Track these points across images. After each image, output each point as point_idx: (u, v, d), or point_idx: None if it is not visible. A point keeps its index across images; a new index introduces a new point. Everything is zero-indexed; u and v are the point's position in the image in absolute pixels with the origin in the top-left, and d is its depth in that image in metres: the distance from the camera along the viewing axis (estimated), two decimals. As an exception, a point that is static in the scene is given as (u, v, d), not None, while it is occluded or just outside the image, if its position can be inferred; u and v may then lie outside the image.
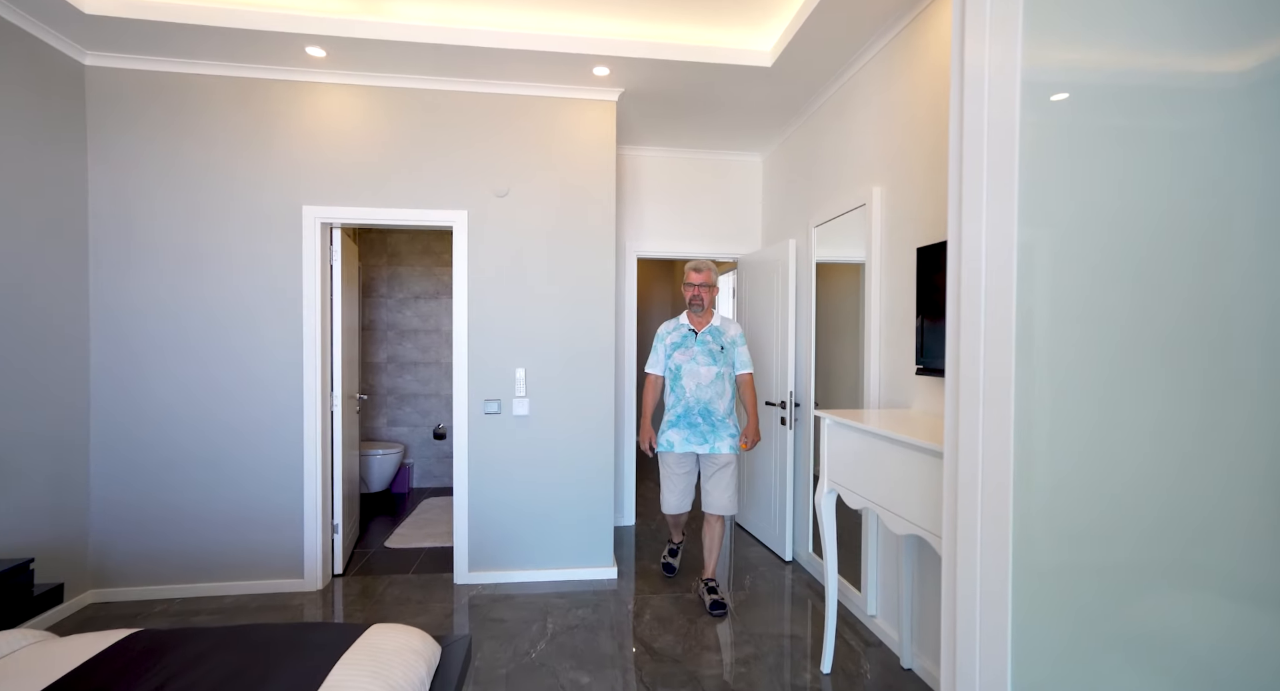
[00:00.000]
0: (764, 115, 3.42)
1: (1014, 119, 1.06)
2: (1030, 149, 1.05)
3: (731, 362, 2.83)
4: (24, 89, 2.45)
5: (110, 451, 2.80)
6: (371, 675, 1.34)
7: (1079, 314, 1.04)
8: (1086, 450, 1.01)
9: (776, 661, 2.29)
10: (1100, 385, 0.98)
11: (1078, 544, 1.02)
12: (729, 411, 2.82)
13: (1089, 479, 1.01)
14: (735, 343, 2.85)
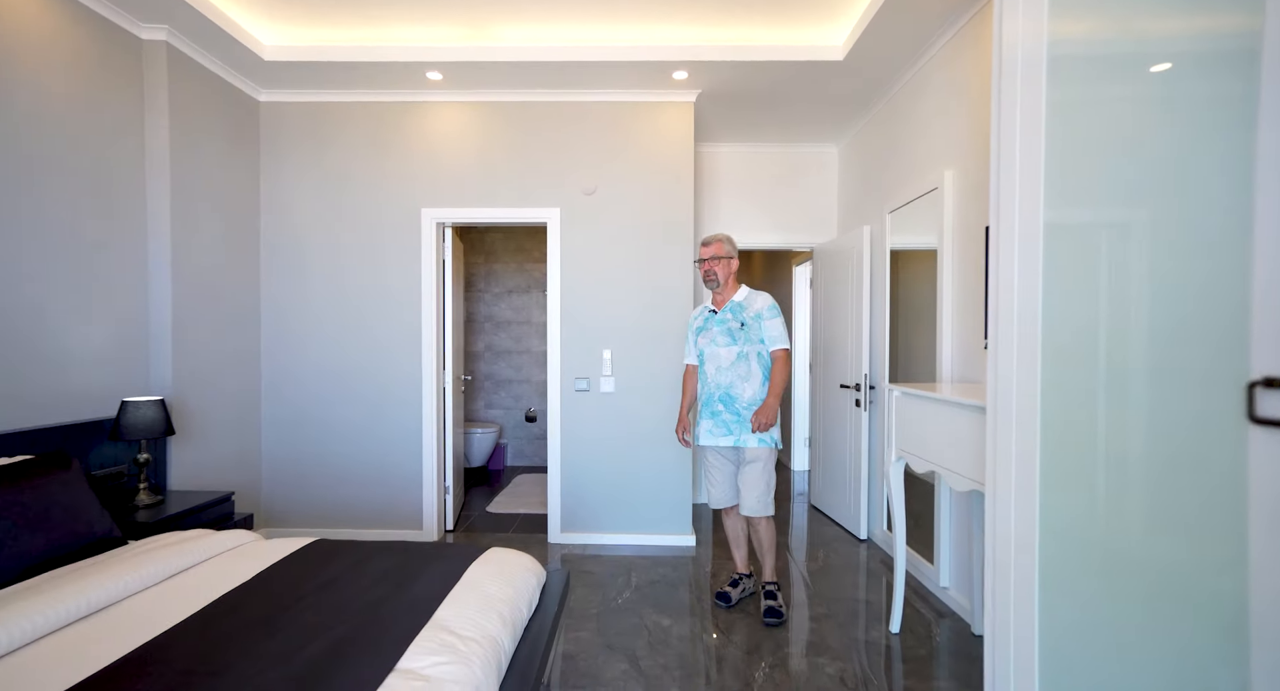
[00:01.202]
0: (838, 107, 3.52)
1: (1040, 91, 1.18)
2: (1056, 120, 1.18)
3: (758, 340, 2.48)
4: (220, 123, 3.06)
5: (274, 417, 3.39)
6: (497, 575, 1.66)
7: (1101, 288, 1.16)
8: (1101, 405, 1.13)
9: (846, 620, 2.42)
10: (1116, 360, 1.10)
11: (1097, 490, 1.13)
12: (760, 397, 2.46)
13: (1108, 430, 1.12)
14: (761, 317, 2.49)
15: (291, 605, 1.47)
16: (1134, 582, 1.04)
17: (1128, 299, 1.05)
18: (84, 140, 2.42)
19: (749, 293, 2.57)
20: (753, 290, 2.58)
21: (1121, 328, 1.07)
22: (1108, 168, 1.11)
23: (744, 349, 2.49)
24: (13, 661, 1.22)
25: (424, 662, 1.21)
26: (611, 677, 1.99)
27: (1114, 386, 1.08)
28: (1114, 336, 1.09)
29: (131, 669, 1.18)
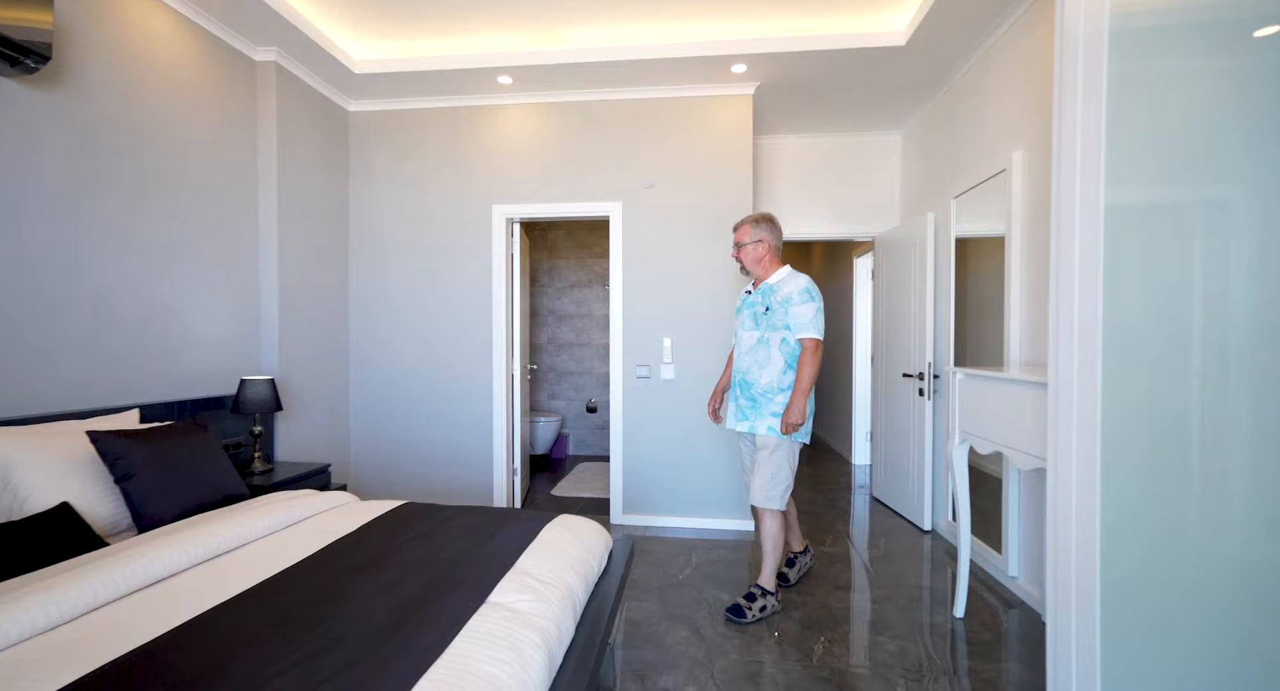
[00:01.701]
0: (900, 93, 3.48)
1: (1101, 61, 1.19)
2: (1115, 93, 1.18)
3: (783, 326, 2.33)
4: (316, 134, 3.39)
5: (361, 399, 3.70)
6: (569, 535, 1.80)
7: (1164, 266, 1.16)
8: (1161, 376, 1.12)
9: (907, 604, 2.42)
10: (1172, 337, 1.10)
11: (1161, 465, 1.13)
12: (777, 385, 2.34)
13: (1167, 404, 1.12)
14: (789, 301, 2.32)
15: (391, 551, 1.66)
16: (1210, 576, 1.03)
17: (1204, 283, 1.05)
18: (211, 156, 2.76)
19: (786, 275, 2.40)
20: (794, 272, 2.40)
21: (1196, 314, 1.07)
22: (1175, 144, 1.10)
23: (765, 334, 2.37)
24: (181, 580, 1.45)
25: (510, 598, 1.36)
26: (674, 643, 2.09)
27: (1200, 377, 1.08)
28: (1189, 321, 1.09)
29: (269, 591, 1.38)
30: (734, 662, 1.96)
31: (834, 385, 6.00)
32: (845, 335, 5.51)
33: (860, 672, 1.91)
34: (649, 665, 1.95)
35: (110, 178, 2.29)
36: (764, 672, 1.90)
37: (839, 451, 5.73)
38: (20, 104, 1.98)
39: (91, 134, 2.21)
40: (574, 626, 1.43)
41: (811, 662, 1.96)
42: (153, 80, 2.47)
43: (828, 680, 1.86)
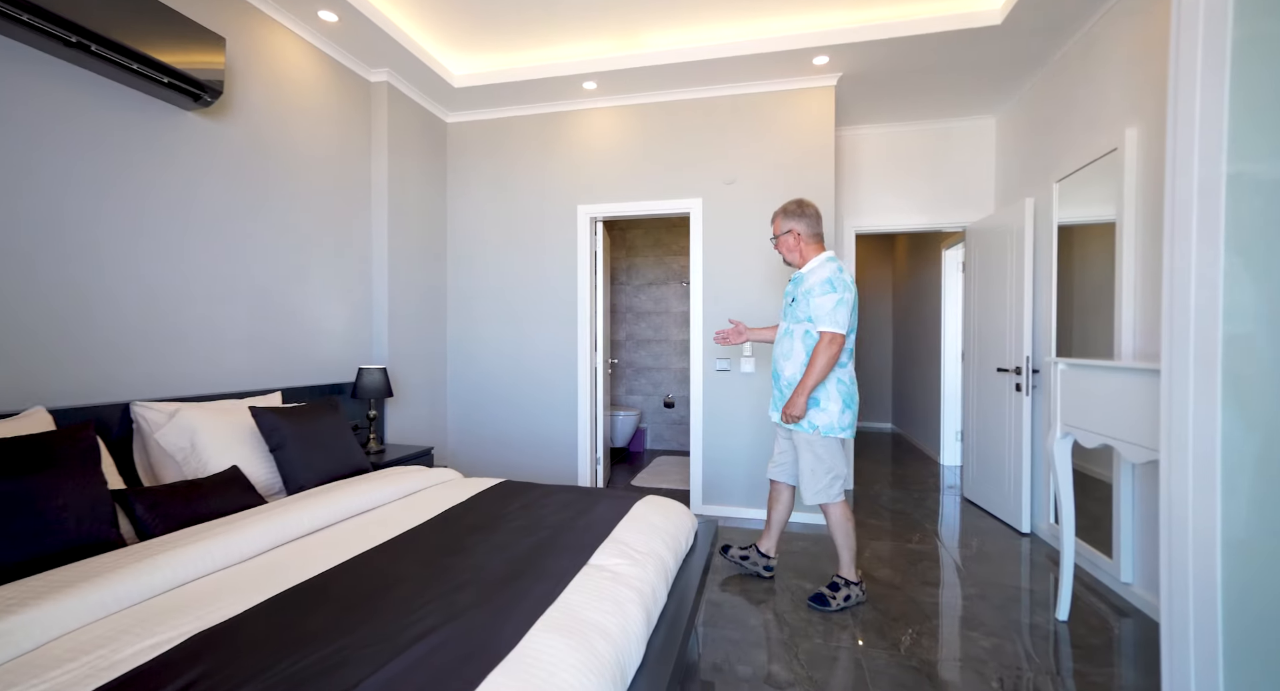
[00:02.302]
0: (996, 74, 3.32)
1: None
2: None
3: (805, 317, 2.31)
4: (420, 145, 3.71)
5: (457, 390, 4.01)
6: (658, 512, 1.91)
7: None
8: None
9: (1003, 603, 2.33)
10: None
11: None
12: (797, 377, 2.34)
13: None
14: (810, 293, 2.28)
15: (498, 519, 1.83)
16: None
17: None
18: (334, 170, 3.11)
19: (820, 262, 2.34)
20: (825, 261, 2.34)
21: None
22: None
23: (790, 325, 2.38)
24: (331, 532, 1.70)
25: (609, 561, 1.48)
26: (756, 624, 2.14)
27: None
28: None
29: (403, 544, 1.59)
30: (818, 646, 1.99)
31: (919, 383, 5.77)
32: (932, 330, 5.29)
33: (952, 665, 1.88)
34: (732, 643, 2.02)
35: (259, 192, 2.65)
36: (850, 658, 1.92)
37: (926, 451, 5.50)
38: (198, 133, 2.35)
39: (246, 156, 2.57)
40: (666, 593, 1.53)
41: (899, 652, 1.95)
42: (291, 106, 2.82)
43: (916, 670, 1.85)
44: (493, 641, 1.06)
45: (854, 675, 1.82)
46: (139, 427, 2.05)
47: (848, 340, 2.31)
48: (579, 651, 1.05)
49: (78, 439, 1.55)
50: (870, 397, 7.09)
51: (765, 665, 1.87)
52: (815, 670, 1.85)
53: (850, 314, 2.27)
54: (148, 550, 1.38)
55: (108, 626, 1.11)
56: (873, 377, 7.09)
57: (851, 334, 2.33)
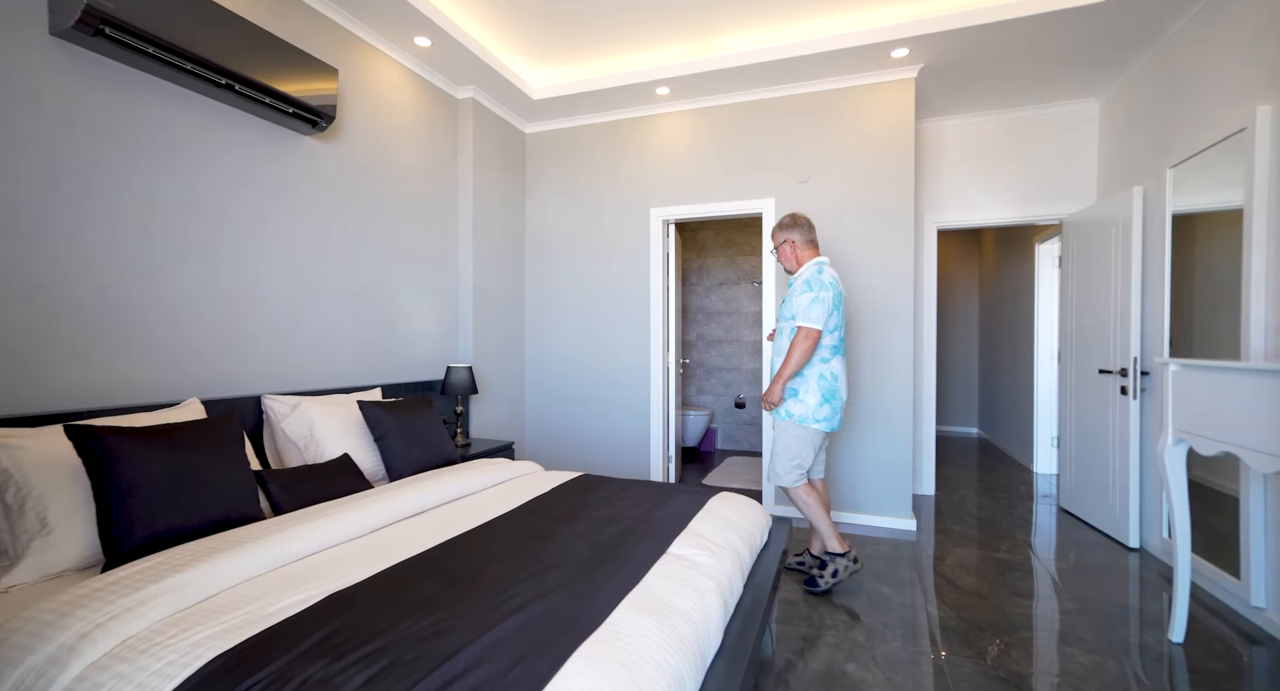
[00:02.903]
0: (1098, 55, 3.09)
1: None
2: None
3: (790, 316, 2.46)
4: (501, 156, 3.93)
5: (534, 388, 4.20)
6: (733, 508, 1.94)
7: None
8: None
9: (1105, 620, 2.18)
10: None
11: None
12: (799, 373, 2.48)
13: None
14: (793, 292, 2.46)
15: (581, 509, 1.93)
16: None
17: None
18: (425, 182, 3.36)
19: (807, 266, 2.50)
20: (813, 263, 2.49)
21: None
22: None
23: (781, 324, 2.54)
24: (431, 515, 1.86)
25: (687, 552, 1.54)
26: (832, 624, 2.13)
27: None
28: None
29: (492, 529, 1.72)
30: (896, 650, 1.95)
31: (1009, 385, 5.42)
32: (1024, 330, 4.96)
33: (1046, 679, 1.79)
34: (807, 641, 2.01)
35: (361, 206, 2.91)
36: (930, 662, 1.87)
37: (1016, 458, 5.16)
38: (315, 155, 2.62)
39: (351, 174, 2.84)
40: (741, 585, 1.57)
41: (985, 662, 1.88)
42: (389, 125, 3.08)
43: (1004, 680, 1.78)
44: (582, 616, 1.14)
45: (936, 680, 1.78)
46: (268, 417, 2.33)
47: (830, 336, 2.46)
48: (663, 631, 1.11)
49: (227, 426, 1.79)
50: (954, 400, 6.73)
51: (841, 664, 1.86)
52: (894, 672, 1.81)
53: (826, 311, 2.40)
54: (283, 524, 1.58)
55: (257, 585, 1.29)
56: (956, 379, 6.73)
57: (834, 331, 2.47)
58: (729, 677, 1.18)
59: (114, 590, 1.17)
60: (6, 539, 1.40)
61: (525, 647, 1.03)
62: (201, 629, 1.09)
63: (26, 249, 1.69)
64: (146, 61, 1.88)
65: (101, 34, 1.71)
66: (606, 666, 0.98)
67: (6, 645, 1.04)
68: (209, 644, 1.05)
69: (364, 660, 0.99)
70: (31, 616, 1.09)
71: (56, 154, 1.75)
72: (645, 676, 0.98)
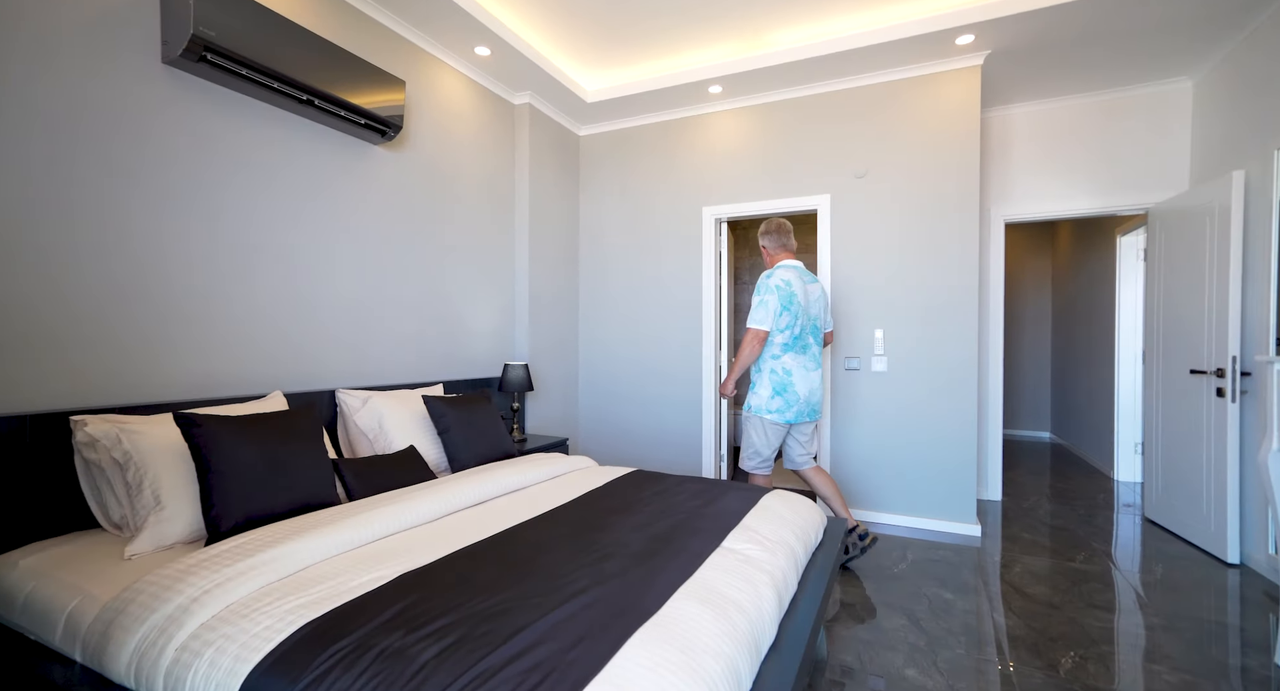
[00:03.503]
0: (1191, 31, 2.87)
1: None
2: None
3: None
4: (555, 158, 4.03)
5: (588, 386, 4.27)
6: (786, 506, 1.93)
7: None
8: None
9: (1197, 638, 2.02)
10: None
11: None
12: (756, 368, 2.79)
13: None
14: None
15: (635, 502, 1.97)
16: None
17: None
18: (484, 186, 3.49)
19: (773, 268, 2.77)
20: (779, 264, 2.77)
21: None
22: None
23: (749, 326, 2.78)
24: (492, 505, 1.95)
25: (741, 546, 1.54)
26: (891, 628, 2.07)
27: None
28: None
29: (550, 519, 1.78)
30: (959, 656, 1.88)
31: (1086, 387, 5.08)
32: (1104, 327, 4.64)
33: (1125, 697, 1.69)
34: (865, 643, 1.97)
35: (424, 211, 3.06)
36: (996, 672, 1.80)
37: (1094, 464, 4.84)
38: (383, 163, 2.78)
39: (415, 180, 2.99)
40: (796, 581, 1.56)
41: (1058, 674, 1.79)
42: (451, 132, 3.22)
43: (1080, 695, 1.69)
44: (639, 603, 1.17)
45: (1004, 690, 1.71)
46: (341, 410, 2.48)
47: (782, 335, 2.69)
48: (719, 621, 1.13)
49: (308, 418, 1.93)
50: (1023, 402, 6.38)
51: (900, 669, 1.82)
52: (957, 680, 1.75)
53: (772, 312, 2.64)
54: (358, 509, 1.69)
55: (336, 563, 1.40)
56: (1026, 380, 6.37)
57: (785, 330, 2.68)
58: (784, 671, 1.19)
59: (217, 562, 1.29)
60: (128, 513, 1.57)
61: (584, 629, 1.07)
62: (292, 599, 1.19)
63: (139, 257, 1.88)
64: (239, 82, 2.05)
65: (204, 60, 1.89)
66: (664, 650, 1.00)
67: (134, 604, 1.17)
68: (299, 612, 1.14)
69: (436, 633, 1.06)
70: (152, 580, 1.22)
71: (163, 169, 1.94)
72: (701, 662, 1.00)
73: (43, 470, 1.62)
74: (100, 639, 1.16)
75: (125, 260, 1.85)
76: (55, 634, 1.25)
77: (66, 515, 1.66)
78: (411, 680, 0.93)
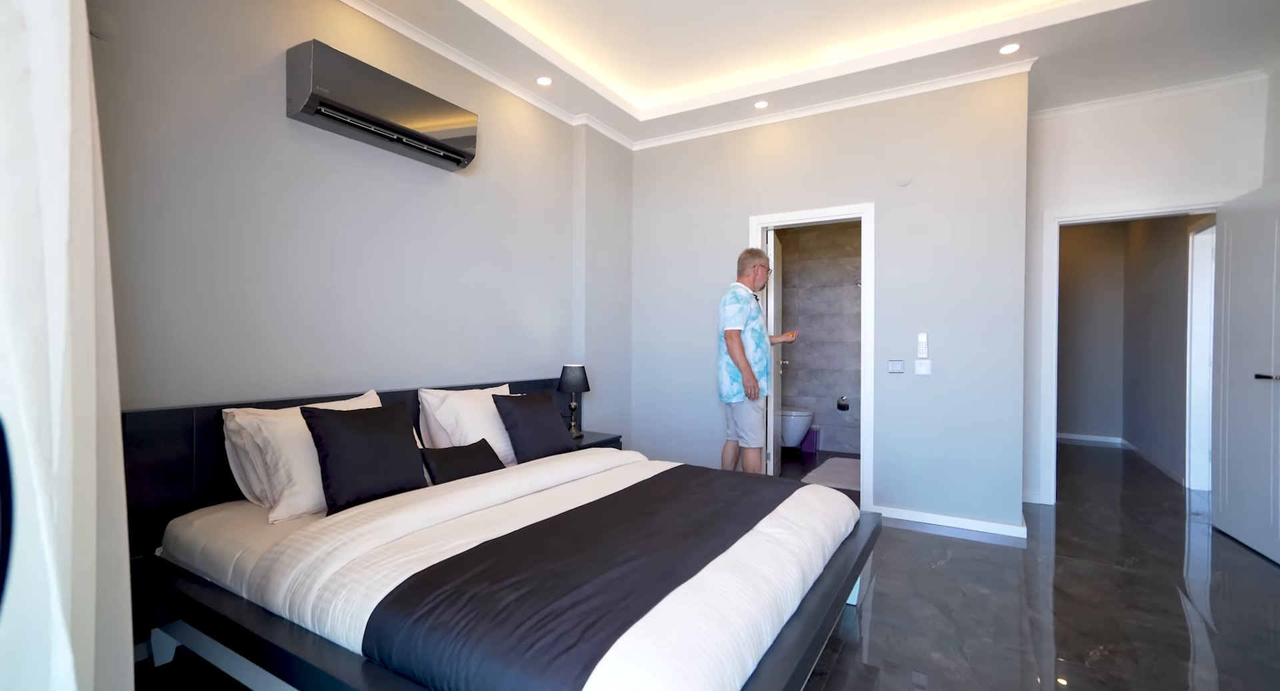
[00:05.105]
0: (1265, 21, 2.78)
1: None
2: None
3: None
4: (610, 173, 4.30)
5: (640, 386, 4.52)
6: (819, 499, 2.10)
7: None
8: None
9: (1243, 643, 2.03)
10: None
11: None
12: (721, 364, 3.45)
13: None
14: None
15: (680, 492, 2.19)
16: None
17: None
18: (546, 202, 3.81)
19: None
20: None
21: None
22: None
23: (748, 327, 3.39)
24: (554, 491, 2.22)
25: (772, 530, 1.74)
26: (921, 617, 2.20)
27: None
28: None
29: (605, 504, 2.03)
30: (986, 644, 1.99)
31: (1158, 392, 4.88)
32: (1176, 330, 4.47)
33: (1149, 687, 1.75)
34: (894, 629, 2.11)
35: (494, 228, 3.40)
36: (1019, 659, 1.90)
37: (1166, 472, 4.64)
38: (459, 186, 3.13)
39: (486, 201, 3.33)
40: (822, 564, 1.74)
41: (1082, 664, 1.87)
42: (516, 156, 3.55)
43: (1102, 683, 1.77)
44: (678, 570, 1.40)
45: (1025, 675, 1.81)
46: (423, 407, 2.84)
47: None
48: (744, 586, 1.34)
49: (401, 413, 2.27)
50: (1090, 407, 6.14)
51: (926, 652, 1.95)
52: (980, 663, 1.87)
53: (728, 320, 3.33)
54: (443, 490, 2.00)
55: (429, 533, 1.70)
56: (1094, 385, 6.13)
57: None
58: (803, 636, 1.38)
59: (340, 527, 1.61)
60: (267, 487, 1.94)
61: (633, 586, 1.31)
62: (400, 557, 1.49)
63: (270, 279, 2.28)
64: (345, 127, 2.43)
65: (319, 112, 2.26)
66: (695, 604, 1.22)
67: (284, 556, 1.51)
68: (406, 567, 1.44)
69: (514, 584, 1.32)
70: (294, 539, 1.56)
71: (287, 204, 2.34)
72: (726, 616, 1.21)
73: (201, 451, 2.02)
74: (261, 580, 1.50)
75: (257, 282, 2.24)
76: (226, 576, 1.61)
77: (219, 488, 2.06)
78: (498, 615, 1.20)
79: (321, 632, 1.37)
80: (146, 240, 1.93)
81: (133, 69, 1.90)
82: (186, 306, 2.03)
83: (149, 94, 1.94)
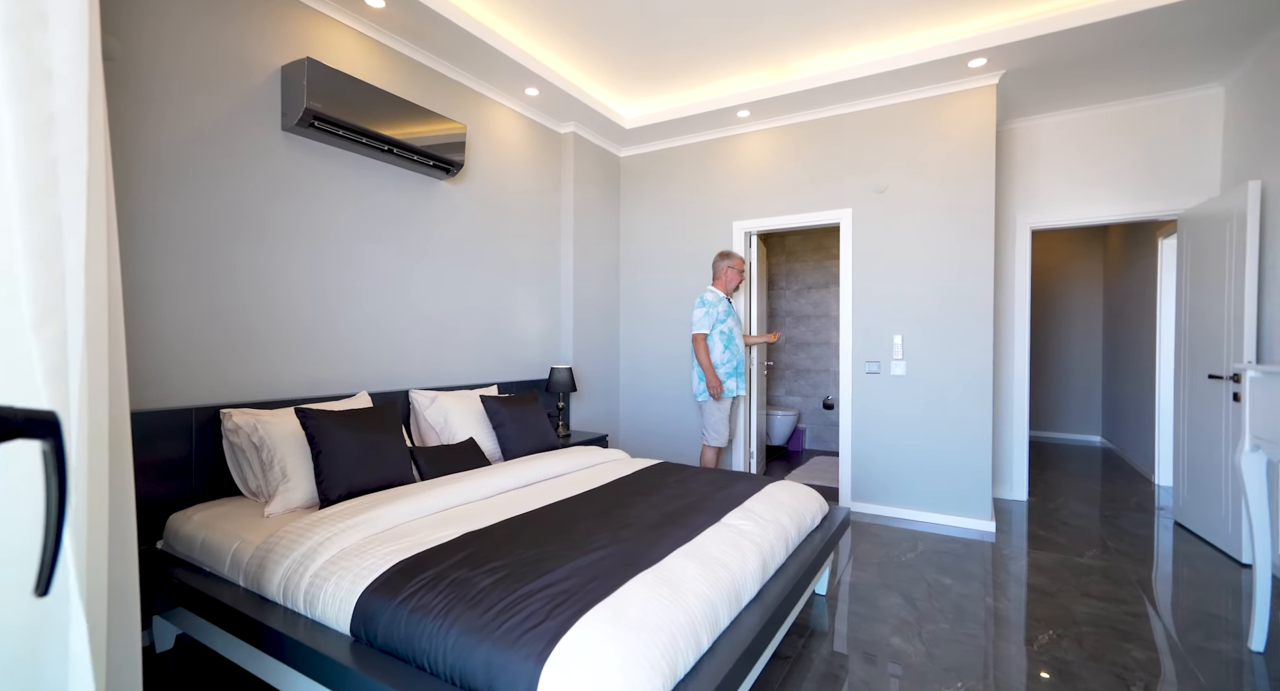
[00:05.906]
0: (1221, 38, 2.90)
1: None
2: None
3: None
4: (598, 179, 4.41)
5: (626, 387, 4.63)
6: (787, 493, 2.22)
7: None
8: None
9: (1180, 626, 2.16)
10: None
11: None
12: (692, 364, 3.75)
13: None
14: None
15: (657, 487, 2.30)
16: None
17: None
18: (534, 207, 3.92)
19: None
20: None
21: None
22: None
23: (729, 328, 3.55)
24: (536, 487, 2.33)
25: (736, 522, 1.86)
26: (886, 605, 2.32)
27: None
28: None
29: (584, 498, 2.14)
30: (943, 630, 2.11)
31: (1132, 392, 5.02)
32: (1146, 332, 4.61)
33: (1090, 666, 1.88)
34: (860, 617, 2.23)
35: (483, 234, 3.51)
36: (973, 643, 2.02)
37: (1138, 469, 4.79)
38: (449, 194, 3.24)
39: (475, 208, 3.44)
40: (785, 554, 1.86)
41: (1031, 648, 1.99)
42: (504, 163, 3.66)
43: (1045, 663, 1.89)
44: (643, 557, 1.51)
45: (976, 657, 1.93)
46: (414, 407, 2.94)
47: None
48: (704, 572, 1.46)
49: (390, 413, 2.37)
50: (1070, 407, 6.29)
51: (886, 637, 2.07)
52: (935, 647, 1.99)
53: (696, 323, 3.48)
54: (430, 486, 2.11)
55: (416, 525, 1.81)
56: (1074, 385, 6.28)
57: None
58: (759, 617, 1.49)
59: (331, 519, 1.72)
60: (263, 483, 2.04)
61: (599, 572, 1.42)
62: (386, 546, 1.60)
63: (265, 284, 2.38)
64: (337, 139, 2.53)
65: (312, 125, 2.37)
66: (655, 587, 1.34)
67: (279, 546, 1.62)
68: (392, 555, 1.55)
69: (490, 570, 1.43)
70: (289, 530, 1.66)
71: (281, 213, 2.44)
72: (684, 599, 1.33)
73: (200, 450, 2.13)
74: (257, 569, 1.61)
75: (253, 289, 2.35)
76: (224, 566, 1.72)
77: (218, 484, 2.17)
78: (474, 597, 1.31)
79: (313, 616, 1.48)
80: (148, 250, 2.03)
81: (135, 87, 2.00)
82: (186, 313, 2.13)
83: (150, 109, 2.04)
